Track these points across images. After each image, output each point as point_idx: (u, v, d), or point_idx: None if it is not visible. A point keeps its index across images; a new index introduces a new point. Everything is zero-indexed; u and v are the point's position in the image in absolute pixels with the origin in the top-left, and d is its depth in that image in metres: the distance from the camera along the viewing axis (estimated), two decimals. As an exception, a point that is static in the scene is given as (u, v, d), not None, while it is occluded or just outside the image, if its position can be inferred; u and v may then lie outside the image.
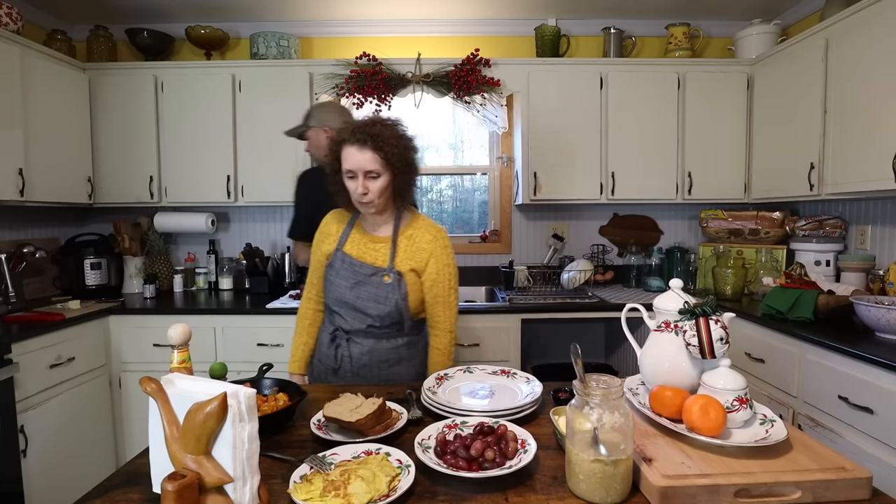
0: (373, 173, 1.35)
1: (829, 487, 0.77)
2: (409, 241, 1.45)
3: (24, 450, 1.93)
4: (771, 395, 1.99)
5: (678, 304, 1.01)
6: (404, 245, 1.44)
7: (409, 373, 1.50)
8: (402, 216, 1.48)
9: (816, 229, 2.47)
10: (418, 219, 1.50)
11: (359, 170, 1.34)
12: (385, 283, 1.41)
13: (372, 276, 1.42)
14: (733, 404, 0.90)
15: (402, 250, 1.44)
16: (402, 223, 1.48)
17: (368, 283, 1.42)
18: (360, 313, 1.44)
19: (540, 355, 3.15)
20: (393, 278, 1.41)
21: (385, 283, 1.41)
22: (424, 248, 1.44)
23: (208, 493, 0.70)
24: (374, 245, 1.46)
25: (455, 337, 1.51)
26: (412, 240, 1.45)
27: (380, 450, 0.92)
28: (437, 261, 1.44)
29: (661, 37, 3.02)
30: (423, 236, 1.45)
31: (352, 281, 1.43)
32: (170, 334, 0.97)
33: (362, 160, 1.33)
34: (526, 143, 2.72)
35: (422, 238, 1.45)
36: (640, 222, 3.14)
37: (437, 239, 1.46)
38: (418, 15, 2.91)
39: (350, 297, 1.44)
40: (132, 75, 2.69)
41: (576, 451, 0.79)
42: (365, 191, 1.35)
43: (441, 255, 1.45)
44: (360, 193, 1.35)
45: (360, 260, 1.44)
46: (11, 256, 2.34)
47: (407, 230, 1.46)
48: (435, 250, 1.44)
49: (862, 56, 1.97)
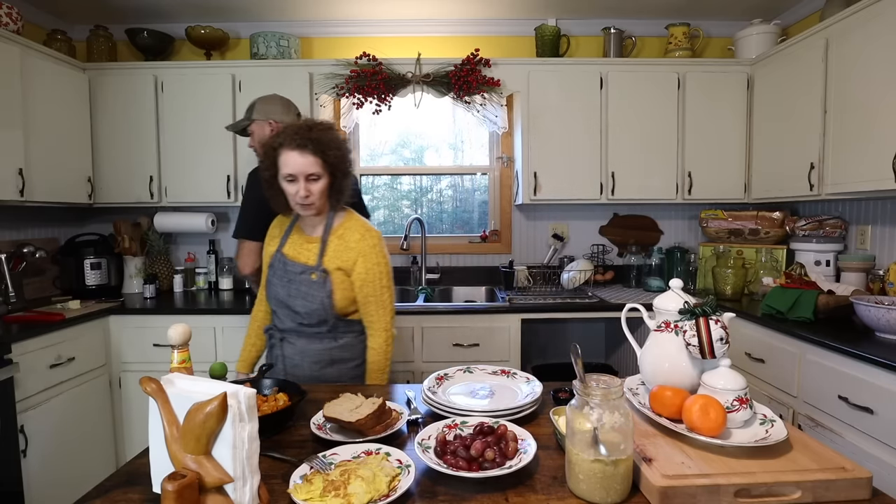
0: (314, 176, 1.39)
1: (829, 487, 0.77)
2: (340, 240, 1.47)
3: (24, 450, 1.93)
4: (771, 395, 1.99)
5: (678, 304, 1.01)
6: (334, 244, 1.47)
7: (343, 375, 1.51)
8: (336, 216, 1.51)
9: (816, 229, 2.47)
10: (351, 219, 1.52)
11: (300, 173, 1.37)
12: (312, 280, 1.44)
13: (301, 275, 1.45)
14: (733, 404, 0.90)
15: (332, 249, 1.46)
16: (335, 223, 1.50)
17: (298, 282, 1.45)
18: (290, 311, 1.48)
19: (540, 355, 3.15)
20: (319, 276, 1.43)
21: (312, 280, 1.44)
22: (352, 248, 1.45)
23: (208, 493, 0.70)
24: (308, 245, 1.49)
25: (391, 336, 1.51)
26: (342, 239, 1.47)
27: (380, 450, 0.92)
28: (366, 259, 1.45)
29: (661, 37, 3.02)
30: (351, 235, 1.47)
31: (285, 280, 1.47)
32: (170, 334, 0.97)
33: (304, 164, 1.37)
34: (526, 143, 2.72)
35: (350, 237, 1.47)
36: (640, 222, 3.14)
37: (364, 238, 1.47)
38: (418, 15, 2.91)
39: (283, 296, 1.47)
40: (132, 75, 2.69)
41: (576, 451, 0.79)
42: (307, 193, 1.39)
43: (369, 253, 1.46)
44: (302, 196, 1.39)
45: (293, 259, 1.49)
46: (11, 256, 2.34)
47: (338, 230, 1.49)
48: (363, 249, 1.46)
49: (862, 56, 1.97)
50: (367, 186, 3.23)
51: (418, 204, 3.25)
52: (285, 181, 1.40)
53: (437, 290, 2.94)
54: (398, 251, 3.02)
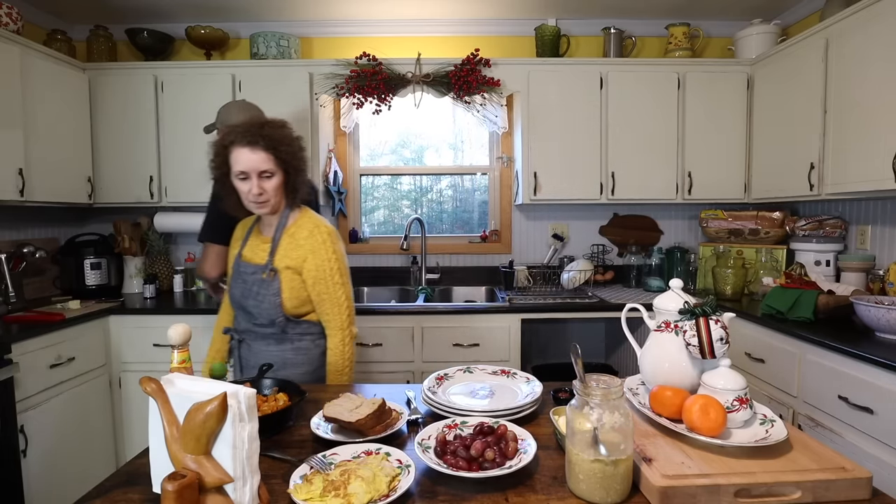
0: (267, 173, 1.38)
1: (829, 487, 0.77)
2: (290, 238, 1.46)
3: (24, 450, 1.93)
4: (771, 395, 1.99)
5: (678, 304, 1.01)
6: (285, 242, 1.45)
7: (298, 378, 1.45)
8: (291, 215, 1.49)
9: (816, 229, 2.47)
10: (303, 216, 1.50)
11: (252, 170, 1.36)
12: (262, 280, 1.43)
13: (253, 275, 1.45)
14: (733, 404, 0.90)
15: (283, 247, 1.45)
16: (289, 221, 1.49)
17: (251, 282, 1.45)
18: (245, 312, 1.48)
19: (540, 355, 3.15)
20: (268, 275, 1.42)
21: (262, 280, 1.43)
22: (301, 245, 1.44)
23: (208, 493, 0.70)
24: (262, 245, 1.48)
25: (350, 335, 1.48)
26: (293, 237, 1.45)
27: (380, 450, 0.92)
28: (316, 256, 1.43)
29: (661, 37, 3.02)
30: (300, 233, 1.45)
31: (239, 281, 1.47)
32: (170, 334, 0.97)
33: (256, 160, 1.36)
34: (526, 143, 2.72)
35: (299, 234, 1.45)
36: (640, 222, 3.14)
37: (313, 234, 1.44)
38: (418, 15, 2.91)
39: (238, 297, 1.48)
40: (132, 75, 2.69)
41: (576, 451, 0.79)
42: (260, 191, 1.38)
43: (319, 250, 1.43)
44: (255, 194, 1.38)
45: (247, 261, 1.48)
46: (11, 256, 2.34)
47: (291, 228, 1.47)
48: (312, 246, 1.43)
49: (862, 56, 1.97)
50: (367, 186, 3.23)
51: (418, 204, 3.25)
52: (238, 179, 1.39)
53: (437, 290, 2.94)
54: (398, 251, 3.02)
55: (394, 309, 2.46)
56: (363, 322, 2.42)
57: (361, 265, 3.10)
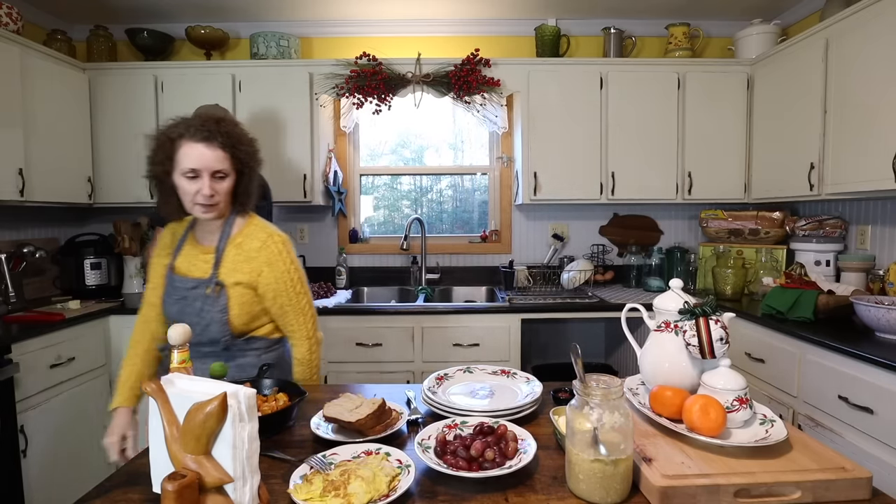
0: (221, 173, 1.24)
1: (829, 487, 0.77)
2: (237, 249, 1.31)
3: (24, 450, 1.93)
4: (771, 395, 1.99)
5: (678, 304, 1.01)
6: (231, 254, 1.31)
7: None
8: (234, 222, 1.34)
9: (816, 229, 2.47)
10: (250, 224, 1.35)
11: (206, 169, 1.22)
12: (206, 296, 1.27)
13: (194, 290, 1.29)
14: (733, 404, 0.90)
15: (229, 260, 1.30)
16: (234, 230, 1.34)
17: (191, 298, 1.29)
18: None
19: (540, 355, 3.15)
20: (213, 291, 1.27)
21: (206, 296, 1.27)
22: (254, 258, 1.30)
23: (208, 493, 0.70)
24: (202, 256, 1.32)
25: (316, 342, 1.41)
26: (241, 248, 1.31)
27: (380, 450, 0.92)
28: (273, 269, 1.31)
29: (661, 37, 3.02)
30: (251, 244, 1.31)
31: (175, 297, 1.31)
32: (170, 334, 0.97)
33: (211, 158, 1.22)
34: (526, 143, 2.72)
35: (250, 246, 1.31)
36: (640, 222, 3.14)
37: (266, 245, 1.31)
38: (418, 15, 2.91)
39: (175, 314, 1.31)
40: (132, 75, 2.69)
41: (576, 451, 0.79)
42: (212, 192, 1.23)
43: (276, 261, 1.31)
44: (206, 195, 1.23)
45: (184, 274, 1.32)
46: (11, 256, 2.34)
47: (237, 238, 1.32)
48: (268, 258, 1.31)
49: (862, 56, 1.97)
50: (367, 186, 3.23)
51: (418, 204, 3.25)
52: (184, 178, 1.22)
53: (437, 290, 2.94)
54: (398, 251, 3.02)
55: (394, 309, 2.46)
56: (363, 322, 2.42)
57: (361, 265, 3.10)
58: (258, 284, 1.30)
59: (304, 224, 3.10)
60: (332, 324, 2.42)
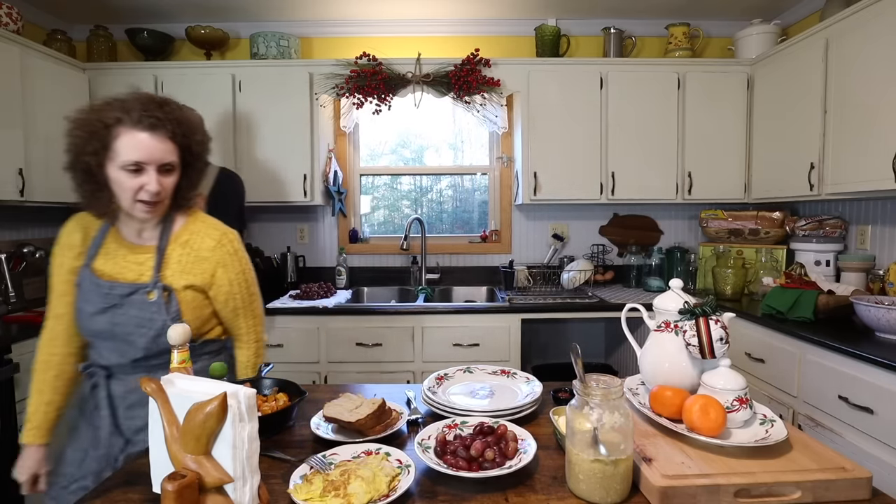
0: (169, 166, 1.10)
1: (829, 487, 0.77)
2: (185, 248, 1.18)
3: (24, 450, 1.93)
4: (771, 395, 1.99)
5: (678, 304, 1.01)
6: (177, 254, 1.17)
7: None
8: (175, 219, 1.20)
9: (816, 229, 2.47)
10: (196, 220, 1.22)
11: (153, 162, 1.07)
12: (148, 302, 1.11)
13: (131, 296, 1.12)
14: (733, 404, 0.90)
15: (175, 261, 1.16)
16: (177, 226, 1.20)
17: (128, 305, 1.11)
18: (121, 344, 1.13)
19: (540, 355, 3.15)
20: (158, 296, 1.12)
21: (148, 302, 1.11)
22: (206, 258, 1.18)
23: (208, 493, 0.70)
24: (135, 256, 1.16)
25: (262, 345, 1.33)
26: (189, 247, 1.18)
27: (380, 450, 0.92)
28: (228, 271, 1.21)
29: (661, 37, 3.02)
30: (202, 242, 1.19)
31: (101, 305, 1.12)
32: (170, 334, 0.97)
33: (160, 150, 1.07)
34: (526, 143, 2.72)
35: (201, 245, 1.19)
36: (640, 222, 3.14)
37: (221, 245, 1.20)
38: (418, 15, 2.91)
39: (105, 325, 1.12)
40: (132, 75, 2.69)
41: (576, 451, 0.79)
42: (159, 188, 1.09)
43: (231, 263, 1.21)
44: (152, 192, 1.08)
45: (112, 278, 1.14)
46: (11, 256, 2.34)
47: (182, 235, 1.19)
48: (222, 259, 1.20)
49: (862, 56, 1.97)
50: (367, 186, 3.23)
51: (418, 204, 3.25)
52: (124, 171, 1.06)
53: (437, 290, 2.94)
54: (398, 251, 3.02)
55: (394, 309, 2.46)
56: (363, 322, 2.42)
57: (361, 265, 3.10)
58: (211, 286, 1.19)
59: (304, 224, 3.10)
60: (332, 324, 2.42)
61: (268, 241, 3.08)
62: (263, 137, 2.70)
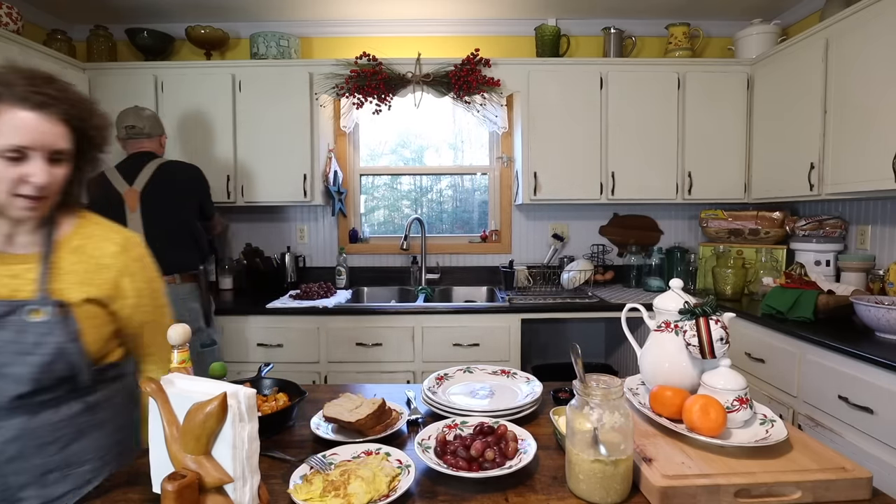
0: (60, 155, 0.92)
1: (829, 487, 0.78)
2: (78, 255, 0.99)
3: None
4: (771, 395, 1.99)
5: (678, 304, 1.01)
6: (68, 262, 0.97)
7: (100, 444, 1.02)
8: (59, 221, 1.00)
9: (816, 229, 2.47)
10: (90, 223, 1.04)
11: (41, 147, 0.89)
12: (33, 323, 0.91)
13: (7, 317, 0.91)
14: (733, 404, 0.90)
15: (67, 271, 0.97)
16: (65, 230, 1.00)
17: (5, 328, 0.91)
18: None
19: (540, 355, 3.15)
20: (50, 314, 0.92)
21: (33, 323, 0.91)
22: (108, 266, 1.00)
23: (208, 493, 0.70)
24: (6, 268, 0.94)
25: None
26: (83, 254, 0.99)
27: (380, 450, 0.92)
28: (135, 279, 1.04)
29: (661, 37, 3.02)
30: (102, 248, 1.01)
31: None
32: (170, 334, 0.97)
33: (51, 134, 0.90)
34: (526, 143, 2.72)
35: (101, 251, 1.00)
36: (640, 222, 3.14)
37: (126, 250, 1.03)
38: (418, 15, 2.91)
39: None
40: (132, 75, 2.69)
41: (576, 451, 0.79)
42: (48, 181, 0.90)
43: (138, 271, 1.05)
44: (38, 186, 0.89)
45: None
46: None
47: (72, 240, 0.99)
48: (127, 267, 1.03)
49: (862, 56, 1.97)
50: (367, 186, 3.23)
51: (418, 204, 3.25)
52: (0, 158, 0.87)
53: (437, 290, 2.94)
54: (398, 251, 3.02)
55: (394, 309, 2.46)
56: (363, 322, 2.42)
57: (361, 265, 3.10)
58: (115, 299, 1.02)
59: (304, 224, 3.10)
60: (332, 324, 2.42)
61: (268, 241, 3.08)
62: (263, 137, 2.70)
